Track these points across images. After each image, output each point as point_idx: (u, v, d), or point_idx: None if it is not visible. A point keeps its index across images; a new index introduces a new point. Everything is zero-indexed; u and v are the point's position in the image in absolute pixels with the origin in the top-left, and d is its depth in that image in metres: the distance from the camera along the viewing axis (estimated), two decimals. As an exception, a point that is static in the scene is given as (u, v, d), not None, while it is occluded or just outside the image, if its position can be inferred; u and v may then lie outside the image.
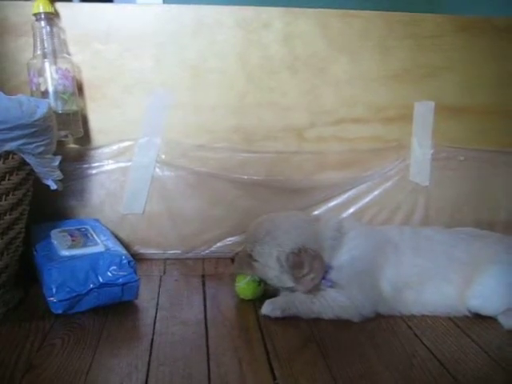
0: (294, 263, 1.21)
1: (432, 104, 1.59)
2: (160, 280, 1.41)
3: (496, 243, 1.30)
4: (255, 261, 1.26)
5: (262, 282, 1.27)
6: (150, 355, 1.03)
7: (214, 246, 1.59)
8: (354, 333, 1.15)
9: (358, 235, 1.28)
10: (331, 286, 1.22)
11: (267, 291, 1.29)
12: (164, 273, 1.47)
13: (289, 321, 1.19)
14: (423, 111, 1.59)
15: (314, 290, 1.22)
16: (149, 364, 1.00)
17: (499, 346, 1.11)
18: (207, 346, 1.07)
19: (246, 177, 1.56)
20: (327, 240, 1.24)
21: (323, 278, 1.22)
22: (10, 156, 1.12)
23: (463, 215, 1.65)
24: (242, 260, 1.29)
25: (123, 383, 0.93)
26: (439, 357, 1.06)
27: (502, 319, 1.20)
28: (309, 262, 1.20)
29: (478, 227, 1.41)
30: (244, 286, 1.28)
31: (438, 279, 1.24)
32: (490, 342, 1.13)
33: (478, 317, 1.22)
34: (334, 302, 1.20)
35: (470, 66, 1.60)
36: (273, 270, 1.23)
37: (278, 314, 1.20)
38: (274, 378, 0.97)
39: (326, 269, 1.22)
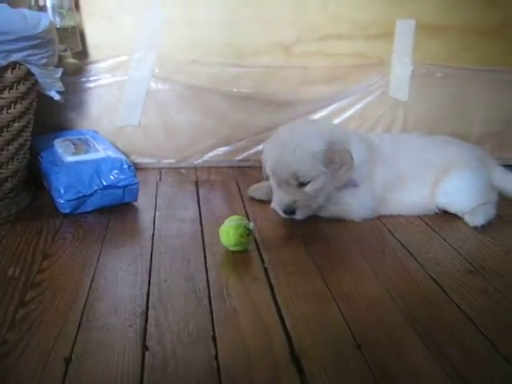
0: (328, 159, 1.24)
1: (413, 22, 1.65)
2: (157, 186, 1.52)
3: (468, 151, 1.40)
4: (305, 184, 1.25)
5: (251, 232, 1.14)
6: (152, 245, 1.16)
7: (207, 156, 1.69)
8: (335, 229, 1.28)
9: (358, 141, 1.34)
10: (355, 185, 1.30)
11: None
12: (160, 180, 1.58)
13: (276, 216, 1.31)
14: (404, 29, 1.66)
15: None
16: (151, 253, 1.13)
17: (462, 239, 1.24)
18: (202, 239, 1.20)
19: (236, 90, 1.64)
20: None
21: None
22: (17, 66, 1.20)
23: (440, 129, 1.72)
24: (296, 200, 1.25)
25: (131, 266, 1.06)
26: (408, 247, 1.19)
27: (467, 217, 1.32)
28: (339, 156, 1.26)
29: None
30: (229, 225, 1.14)
31: (416, 181, 1.34)
32: (455, 236, 1.26)
33: (445, 215, 1.35)
34: (342, 205, 1.31)
35: (451, -15, 1.65)
36: (322, 174, 1.25)
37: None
38: (263, 262, 1.10)
39: None
